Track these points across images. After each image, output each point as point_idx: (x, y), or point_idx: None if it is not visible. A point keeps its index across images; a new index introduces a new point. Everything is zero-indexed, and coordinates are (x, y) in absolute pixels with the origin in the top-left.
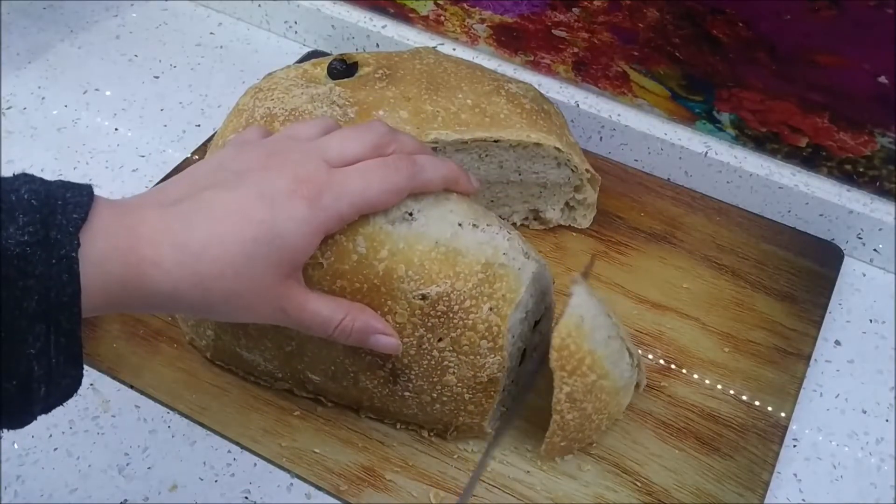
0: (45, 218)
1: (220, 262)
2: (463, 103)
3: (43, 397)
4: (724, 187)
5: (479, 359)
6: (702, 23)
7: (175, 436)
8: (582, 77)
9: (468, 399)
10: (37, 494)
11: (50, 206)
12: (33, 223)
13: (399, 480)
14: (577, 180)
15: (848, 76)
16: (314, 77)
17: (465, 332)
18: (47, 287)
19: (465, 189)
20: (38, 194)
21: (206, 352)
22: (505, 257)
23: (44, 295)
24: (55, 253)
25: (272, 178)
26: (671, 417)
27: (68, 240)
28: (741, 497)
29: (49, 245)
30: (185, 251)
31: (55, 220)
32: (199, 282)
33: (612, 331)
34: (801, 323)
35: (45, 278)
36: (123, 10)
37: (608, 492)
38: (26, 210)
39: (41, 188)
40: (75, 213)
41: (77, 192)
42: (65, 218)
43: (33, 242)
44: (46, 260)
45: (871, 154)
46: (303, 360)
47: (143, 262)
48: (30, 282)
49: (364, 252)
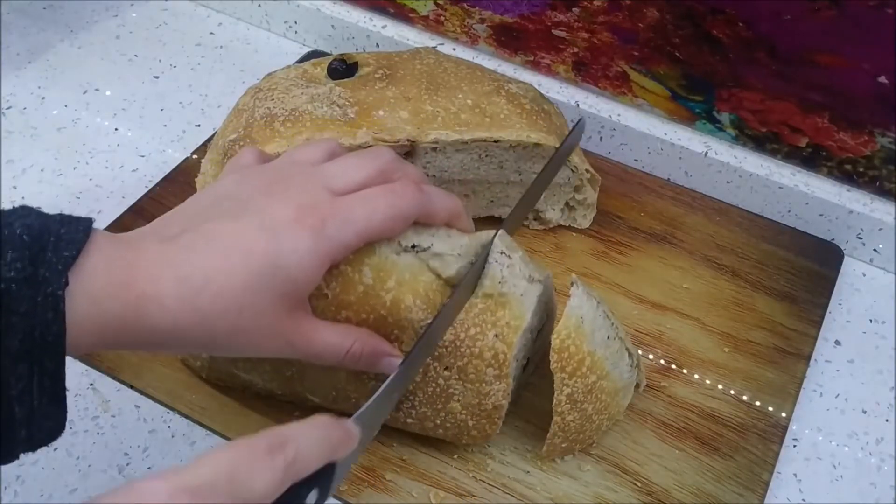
0: (34, 255)
1: (223, 297)
2: (463, 103)
3: (24, 439)
4: (724, 187)
5: (485, 386)
6: (702, 23)
7: (175, 436)
8: (582, 77)
9: (472, 425)
10: (37, 494)
11: (41, 242)
12: (21, 259)
13: (399, 480)
14: (577, 180)
15: (848, 76)
16: (314, 77)
17: (471, 361)
18: (31, 325)
19: (464, 226)
20: (32, 229)
21: (200, 372)
22: (501, 286)
23: (28, 333)
24: (41, 290)
25: (275, 207)
26: (671, 417)
27: (55, 277)
28: (741, 497)
29: (36, 283)
30: (186, 286)
31: (44, 258)
32: (201, 319)
33: (612, 331)
34: (801, 323)
35: (29, 316)
36: (123, 10)
37: (608, 492)
38: (16, 246)
39: (36, 222)
40: (66, 250)
41: (73, 227)
42: (55, 255)
43: (20, 279)
44: (32, 298)
45: (871, 154)
46: (303, 384)
47: (142, 299)
48: (14, 319)
49: (371, 283)
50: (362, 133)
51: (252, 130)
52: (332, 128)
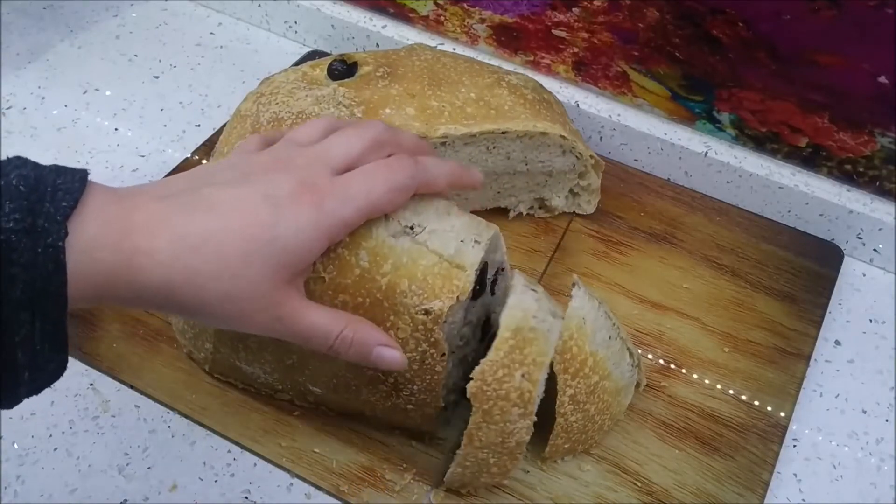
0: (32, 205)
1: (217, 260)
2: (467, 97)
3: (27, 381)
4: (724, 187)
5: (509, 425)
6: (702, 23)
7: (175, 436)
8: (582, 77)
9: (492, 463)
10: (37, 494)
11: (39, 192)
12: (20, 210)
13: (399, 480)
14: (582, 167)
15: (848, 76)
16: (315, 79)
17: (497, 403)
18: (32, 276)
19: (470, 182)
20: (28, 180)
21: (204, 364)
22: (535, 321)
23: (29, 284)
24: (41, 241)
25: (277, 181)
26: (671, 417)
27: (55, 228)
28: (741, 497)
29: (35, 233)
30: (182, 244)
31: (43, 208)
32: (192, 278)
33: (613, 331)
34: (801, 323)
35: (30, 267)
36: (123, 10)
37: (608, 492)
38: (13, 196)
39: (31, 173)
40: (64, 200)
41: (69, 178)
42: (53, 205)
43: (19, 230)
44: (32, 248)
45: (871, 154)
46: (304, 373)
47: (136, 252)
48: (15, 270)
49: (367, 266)
50: None
51: None
52: None
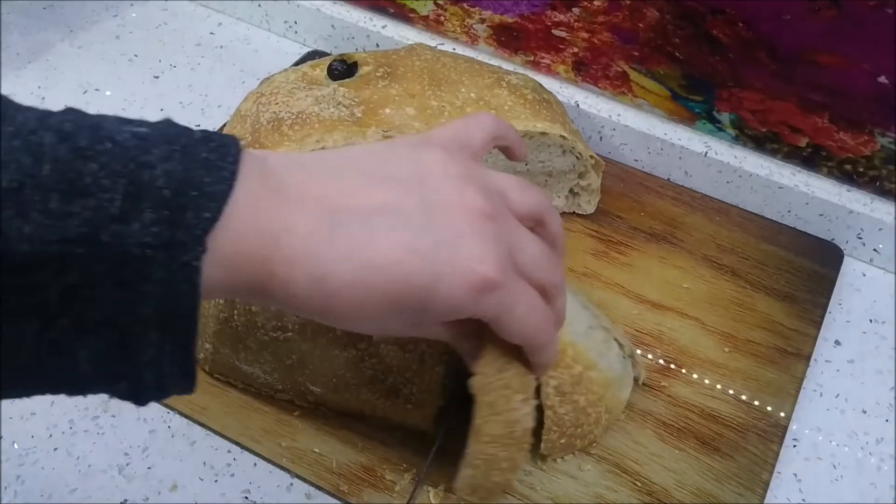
0: (173, 216)
1: (354, 309)
2: (467, 97)
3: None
4: (724, 187)
5: (514, 413)
6: (702, 23)
7: (175, 436)
8: (582, 77)
9: (502, 457)
10: (37, 494)
11: (182, 199)
12: (160, 222)
13: (399, 480)
14: (582, 167)
15: (848, 76)
16: (314, 79)
17: (500, 392)
18: (164, 295)
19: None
20: (173, 180)
21: (204, 365)
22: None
23: (160, 302)
24: (177, 258)
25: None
26: (671, 417)
27: (193, 244)
28: (741, 497)
29: (173, 247)
30: (320, 287)
31: (184, 220)
32: (324, 313)
33: (593, 321)
34: (801, 323)
35: (163, 285)
36: (123, 10)
37: (608, 492)
38: (156, 204)
39: (178, 168)
40: (208, 209)
41: (216, 177)
42: (195, 216)
43: (156, 244)
44: (167, 265)
45: (871, 154)
46: (304, 373)
47: (273, 279)
48: (147, 287)
49: None
50: (372, 132)
51: (260, 135)
52: (341, 128)
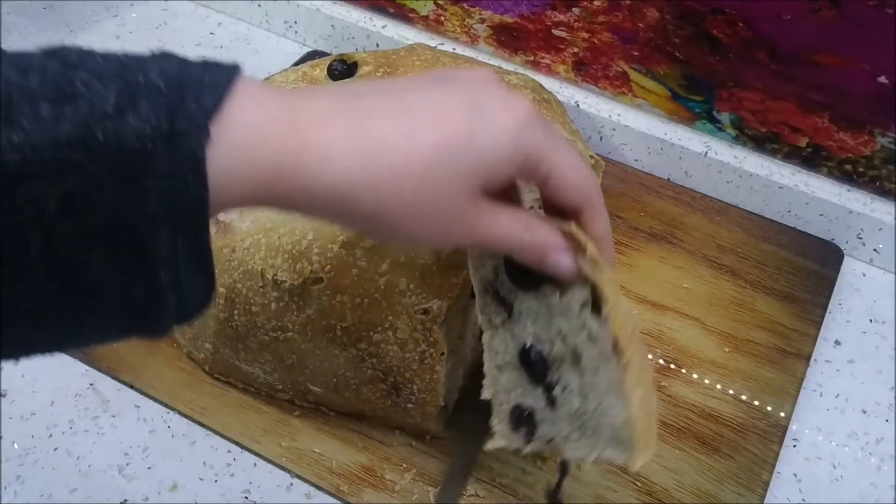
0: (171, 105)
1: (404, 163)
2: None
3: (174, 306)
4: (724, 187)
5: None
6: (702, 23)
7: (175, 436)
8: (582, 77)
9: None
10: (37, 494)
11: (181, 90)
12: (157, 111)
13: (399, 480)
14: None
15: (848, 76)
16: (315, 79)
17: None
18: (170, 188)
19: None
20: (169, 76)
21: (204, 365)
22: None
23: (165, 196)
24: (179, 148)
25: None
26: (671, 417)
27: (196, 132)
28: (741, 497)
29: (173, 137)
30: (363, 141)
31: (184, 108)
32: (374, 184)
33: None
34: (801, 323)
35: (166, 178)
36: (123, 10)
37: (608, 492)
38: (151, 94)
39: (175, 68)
40: (208, 97)
41: (218, 73)
42: (196, 104)
43: (155, 136)
44: (168, 156)
45: (871, 154)
46: (304, 373)
47: (306, 147)
48: (150, 182)
49: (364, 266)
50: None
51: None
52: None
